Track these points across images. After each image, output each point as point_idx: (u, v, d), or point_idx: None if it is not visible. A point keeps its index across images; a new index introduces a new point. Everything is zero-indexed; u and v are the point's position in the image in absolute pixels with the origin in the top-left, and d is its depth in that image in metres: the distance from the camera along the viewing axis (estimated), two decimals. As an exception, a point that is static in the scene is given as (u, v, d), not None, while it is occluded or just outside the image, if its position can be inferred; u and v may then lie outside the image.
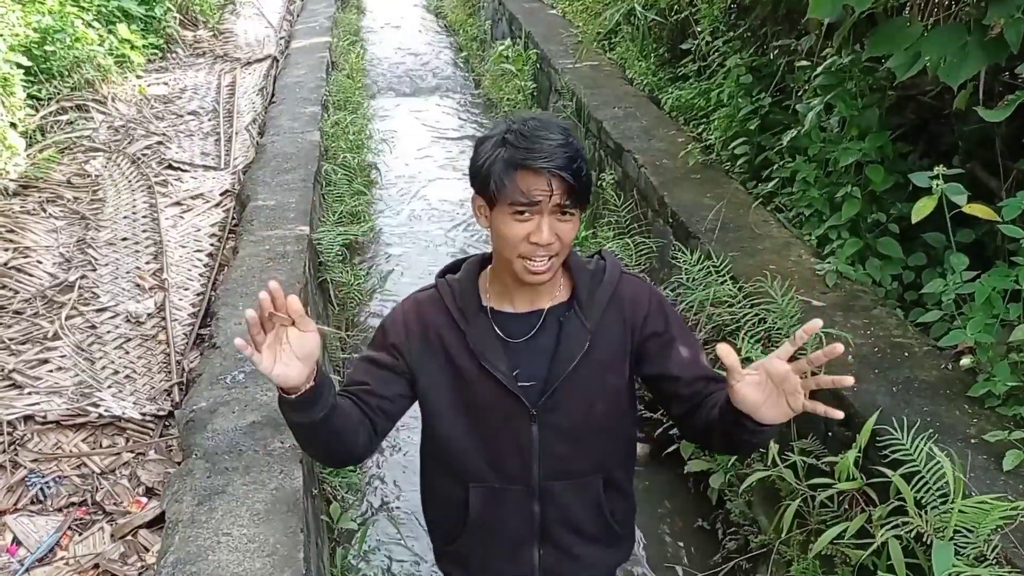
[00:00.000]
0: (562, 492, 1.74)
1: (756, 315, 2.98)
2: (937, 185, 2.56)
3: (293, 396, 1.45)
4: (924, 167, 2.94)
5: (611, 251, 1.77)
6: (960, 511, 2.00)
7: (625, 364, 1.70)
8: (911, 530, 2.12)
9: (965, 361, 2.56)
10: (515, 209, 1.50)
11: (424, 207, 6.60)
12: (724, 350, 1.41)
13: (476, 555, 1.83)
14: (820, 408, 1.39)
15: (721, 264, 3.33)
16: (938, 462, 2.14)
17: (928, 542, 2.06)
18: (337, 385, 1.64)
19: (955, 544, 2.01)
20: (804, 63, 3.90)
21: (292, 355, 1.39)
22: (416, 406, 1.75)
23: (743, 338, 2.92)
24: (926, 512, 2.12)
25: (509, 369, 1.64)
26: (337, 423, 1.55)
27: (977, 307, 2.52)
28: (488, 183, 1.51)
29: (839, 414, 1.39)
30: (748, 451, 2.46)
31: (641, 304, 1.69)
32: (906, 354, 2.74)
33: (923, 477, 2.16)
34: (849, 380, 1.40)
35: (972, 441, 2.33)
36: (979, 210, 2.52)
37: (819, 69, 3.56)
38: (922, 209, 2.56)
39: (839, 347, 1.35)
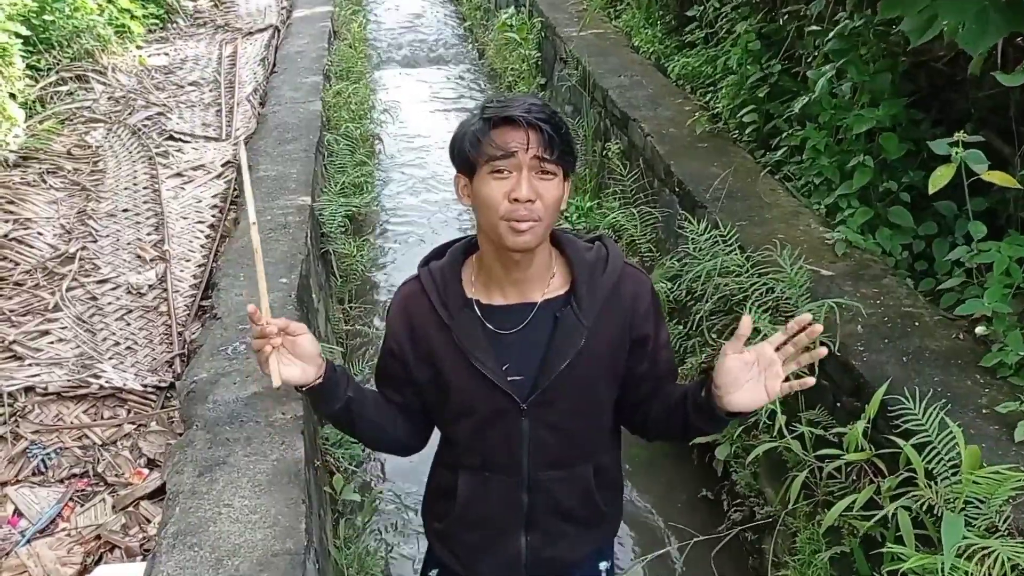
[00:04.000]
0: (551, 482, 1.72)
1: (764, 284, 2.93)
2: (957, 153, 2.49)
3: (304, 390, 1.58)
4: (937, 135, 2.87)
5: (610, 236, 1.74)
6: (973, 482, 1.97)
7: (621, 359, 1.67)
8: (921, 501, 2.09)
9: (980, 329, 2.51)
10: (493, 167, 1.49)
11: (427, 177, 6.54)
12: (746, 322, 1.47)
13: (462, 538, 1.82)
14: (795, 385, 1.47)
15: (728, 233, 3.27)
16: (950, 432, 2.10)
17: (938, 513, 2.03)
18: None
19: (966, 515, 1.98)
20: (814, 28, 3.82)
21: (291, 358, 1.52)
22: None
23: (751, 308, 2.87)
24: (936, 483, 2.09)
25: (498, 364, 1.60)
26: (362, 413, 1.68)
27: (994, 277, 2.46)
28: (466, 148, 1.52)
29: (810, 381, 1.46)
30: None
31: (642, 302, 1.66)
32: (916, 324, 2.69)
33: (934, 448, 2.12)
34: (810, 381, 1.48)
35: (984, 412, 2.29)
36: (998, 177, 2.44)
37: (831, 33, 3.47)
38: (940, 178, 2.48)
39: (819, 336, 1.44)
